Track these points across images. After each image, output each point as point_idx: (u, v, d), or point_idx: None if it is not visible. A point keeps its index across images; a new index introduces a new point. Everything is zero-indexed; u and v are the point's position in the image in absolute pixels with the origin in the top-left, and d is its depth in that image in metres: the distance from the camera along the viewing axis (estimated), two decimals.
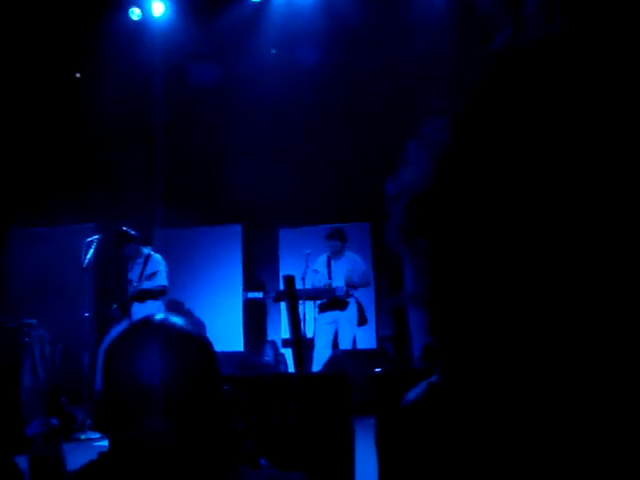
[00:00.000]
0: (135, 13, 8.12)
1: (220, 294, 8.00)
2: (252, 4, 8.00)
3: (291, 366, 6.74)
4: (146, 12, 8.15)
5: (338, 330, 6.35)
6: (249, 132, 7.82)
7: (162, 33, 8.11)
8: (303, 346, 5.58)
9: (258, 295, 7.77)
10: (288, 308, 5.69)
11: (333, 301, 6.24)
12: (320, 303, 6.27)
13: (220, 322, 7.85)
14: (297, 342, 5.38)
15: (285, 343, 7.22)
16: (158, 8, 8.13)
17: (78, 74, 8.35)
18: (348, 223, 7.71)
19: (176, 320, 0.98)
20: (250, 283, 8.03)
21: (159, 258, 6.25)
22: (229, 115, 7.94)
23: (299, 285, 6.20)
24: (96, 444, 4.92)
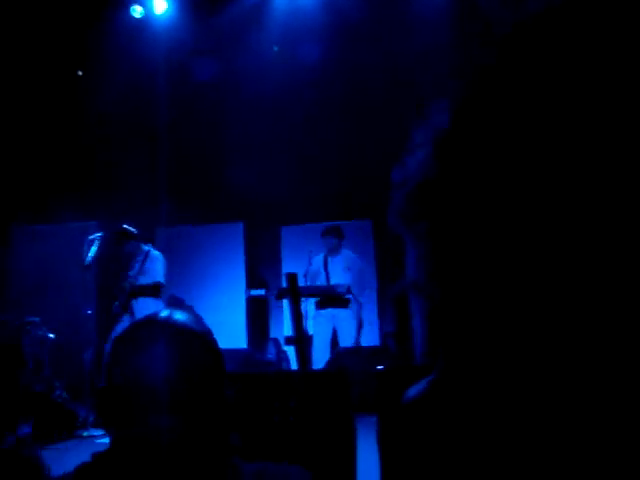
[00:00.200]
0: (137, 11, 8.12)
1: (223, 292, 8.01)
2: (254, 1, 7.99)
3: (294, 363, 6.74)
4: (148, 10, 8.15)
5: (337, 328, 6.32)
6: (251, 129, 7.82)
7: (164, 31, 8.11)
8: (306, 344, 5.59)
9: (260, 293, 7.79)
10: (290, 306, 5.69)
11: (331, 298, 6.21)
12: (318, 300, 6.23)
13: (223, 320, 7.85)
14: (299, 339, 5.38)
15: (288, 340, 7.22)
16: (160, 5, 8.13)
17: (80, 72, 8.35)
18: (350, 220, 7.71)
19: (181, 317, 0.97)
20: (252, 281, 8.03)
21: (158, 255, 6.26)
22: (231, 112, 7.93)
23: (301, 283, 6.20)
24: (99, 441, 4.93)
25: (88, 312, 6.08)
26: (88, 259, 5.83)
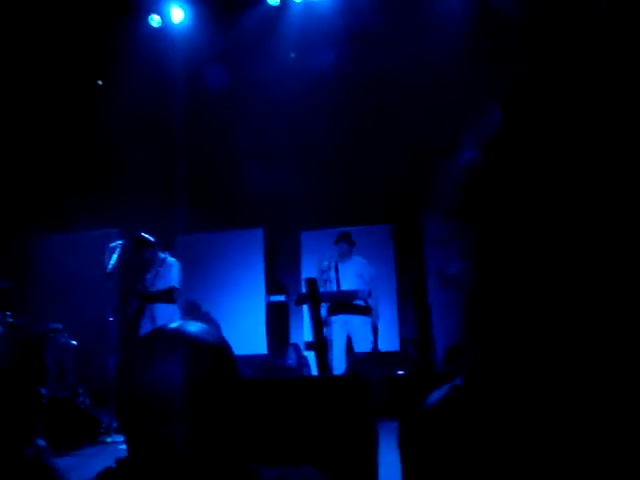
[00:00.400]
0: (155, 20, 8.21)
1: (243, 298, 8.03)
2: (271, 8, 8.03)
3: (314, 369, 6.74)
4: (166, 19, 8.24)
5: (351, 334, 6.30)
6: (269, 136, 7.85)
7: (181, 39, 8.18)
8: (326, 349, 5.58)
9: (280, 298, 7.80)
10: (310, 311, 5.69)
11: (344, 304, 6.19)
12: (330, 306, 6.20)
13: (243, 325, 7.88)
14: (320, 345, 5.37)
15: (308, 346, 7.21)
16: (177, 15, 8.21)
17: (100, 82, 8.46)
18: (371, 225, 7.70)
19: (192, 327, 0.99)
20: (272, 286, 8.05)
21: (173, 261, 6.36)
22: (249, 119, 7.97)
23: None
24: (122, 447, 4.96)
25: (110, 319, 6.14)
26: (109, 267, 5.90)
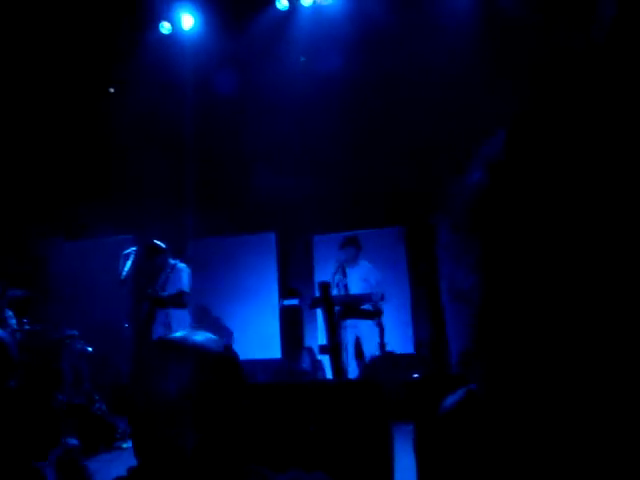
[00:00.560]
0: (165, 27, 8.27)
1: (257, 302, 8.05)
2: (280, 13, 8.07)
3: (329, 372, 6.73)
4: (176, 26, 8.30)
5: (360, 337, 6.29)
6: (280, 140, 7.87)
7: (192, 45, 8.24)
8: (340, 352, 5.57)
9: (294, 302, 7.80)
10: (324, 315, 5.69)
11: (352, 308, 6.19)
12: (340, 310, 6.19)
13: (257, 330, 7.90)
14: (334, 348, 5.37)
15: (322, 350, 7.21)
16: (187, 21, 8.27)
17: (112, 89, 8.53)
18: (382, 228, 7.69)
19: (197, 337, 1.03)
20: (286, 290, 8.06)
21: (183, 267, 6.41)
22: (260, 124, 8.00)
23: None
24: None
25: (125, 325, 6.19)
26: (124, 273, 5.95)
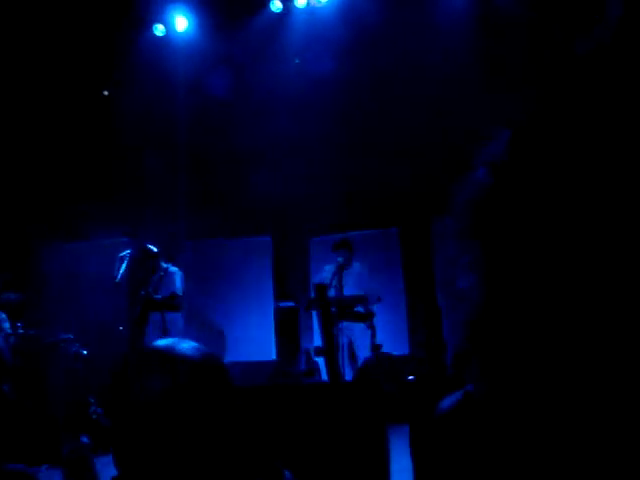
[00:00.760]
0: (159, 30, 8.26)
1: (252, 304, 8.04)
2: (274, 15, 8.06)
3: (324, 374, 6.73)
4: (170, 28, 8.28)
5: (352, 339, 6.28)
6: (276, 142, 7.86)
7: (185, 47, 8.22)
8: (336, 354, 5.57)
9: (290, 304, 7.79)
10: (319, 316, 5.68)
11: (345, 311, 6.19)
12: (336, 311, 6.19)
13: (253, 332, 7.89)
14: (330, 350, 5.36)
15: (317, 351, 7.20)
16: (181, 24, 8.25)
17: (106, 92, 8.50)
18: (378, 229, 7.70)
19: (181, 347, 1.02)
20: (281, 292, 8.05)
21: (176, 270, 6.45)
22: (255, 126, 7.99)
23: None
24: None
25: (120, 329, 6.18)
26: (118, 276, 5.94)
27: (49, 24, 7.45)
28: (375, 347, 6.28)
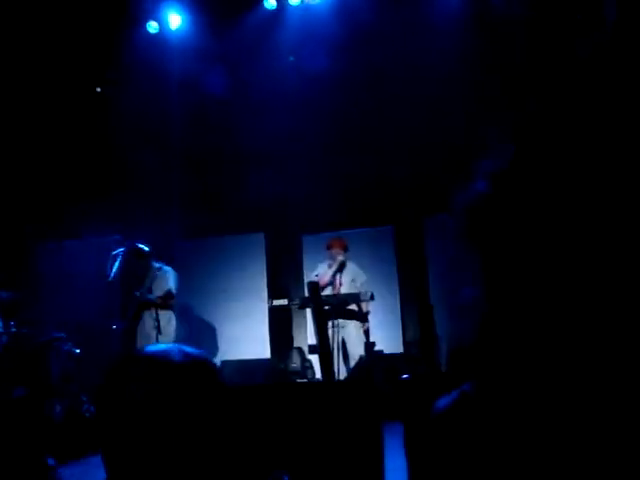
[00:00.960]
0: (153, 27, 8.23)
1: (246, 303, 8.03)
2: (268, 12, 8.04)
3: (318, 372, 6.73)
4: (163, 25, 8.26)
5: (345, 338, 6.29)
6: (269, 140, 7.85)
7: (179, 45, 8.20)
8: (330, 352, 5.58)
9: (283, 302, 7.81)
10: (313, 314, 5.69)
11: (341, 308, 6.21)
12: (330, 309, 6.20)
13: (246, 330, 7.88)
14: (323, 349, 5.37)
15: (312, 349, 7.21)
16: (175, 21, 8.23)
17: (99, 89, 8.47)
18: (372, 227, 7.70)
19: (170, 351, 1.01)
20: (275, 290, 8.05)
21: (169, 269, 6.44)
22: (249, 124, 7.98)
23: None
24: None
25: (113, 327, 6.16)
26: (112, 274, 5.93)
27: (43, 22, 7.42)
28: (369, 345, 6.30)
